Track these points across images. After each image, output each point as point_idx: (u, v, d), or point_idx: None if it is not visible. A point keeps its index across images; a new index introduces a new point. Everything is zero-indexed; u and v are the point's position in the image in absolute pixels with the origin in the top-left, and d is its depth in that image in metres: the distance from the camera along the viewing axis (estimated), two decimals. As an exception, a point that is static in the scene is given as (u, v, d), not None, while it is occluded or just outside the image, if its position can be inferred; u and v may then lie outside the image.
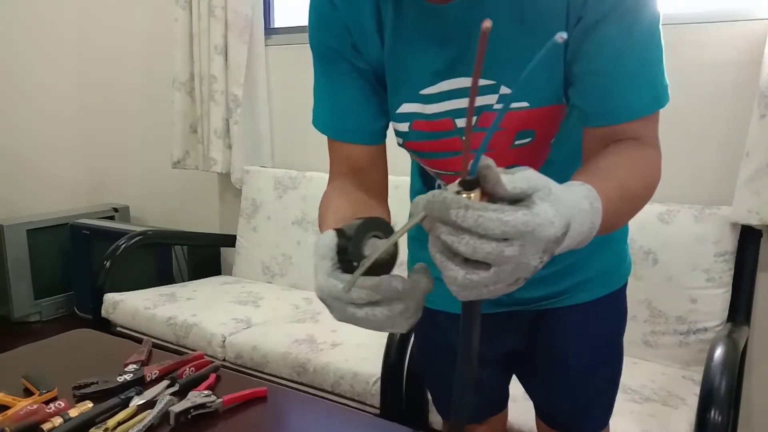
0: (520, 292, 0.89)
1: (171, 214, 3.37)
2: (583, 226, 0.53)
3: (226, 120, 2.88)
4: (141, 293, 2.54)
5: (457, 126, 0.79)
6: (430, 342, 1.06)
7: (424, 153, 0.83)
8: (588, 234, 0.54)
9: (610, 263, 0.97)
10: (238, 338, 2.16)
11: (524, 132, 0.77)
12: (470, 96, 0.48)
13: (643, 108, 0.71)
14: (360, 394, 1.85)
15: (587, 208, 0.54)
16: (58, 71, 3.56)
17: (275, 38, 2.88)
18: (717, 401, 1.43)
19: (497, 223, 0.44)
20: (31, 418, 0.89)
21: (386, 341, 1.78)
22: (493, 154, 0.77)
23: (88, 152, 3.65)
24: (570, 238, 0.51)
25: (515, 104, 0.75)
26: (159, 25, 3.14)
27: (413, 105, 0.79)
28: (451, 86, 0.77)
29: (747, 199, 1.78)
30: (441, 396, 1.10)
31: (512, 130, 0.77)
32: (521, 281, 0.47)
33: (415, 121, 0.80)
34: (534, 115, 0.75)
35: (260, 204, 2.83)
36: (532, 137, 0.78)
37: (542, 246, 0.46)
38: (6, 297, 3.14)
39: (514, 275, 0.46)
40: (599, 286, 0.95)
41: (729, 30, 1.91)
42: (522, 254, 0.45)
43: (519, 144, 0.78)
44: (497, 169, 0.47)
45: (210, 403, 0.95)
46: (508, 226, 0.44)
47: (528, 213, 0.45)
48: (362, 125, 0.83)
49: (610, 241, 0.94)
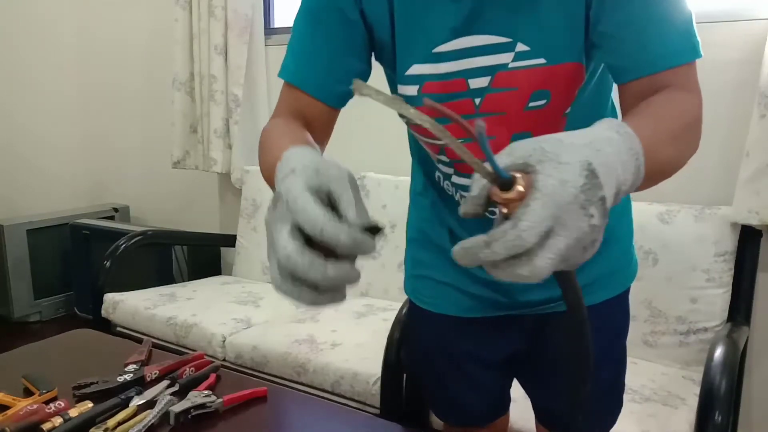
0: (522, 295, 0.87)
1: (171, 214, 3.37)
2: (621, 155, 0.49)
3: (226, 120, 2.88)
4: (141, 293, 2.54)
5: (470, 87, 0.76)
6: (430, 345, 1.04)
7: (434, 119, 0.81)
8: (635, 162, 0.50)
9: (616, 263, 0.93)
10: (238, 338, 2.16)
11: (539, 93, 0.74)
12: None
13: (680, 54, 0.68)
14: (360, 394, 1.85)
15: (615, 137, 0.50)
16: (58, 71, 3.56)
17: (275, 38, 2.88)
18: (717, 401, 1.43)
19: (525, 236, 0.42)
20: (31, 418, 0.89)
21: (386, 341, 1.78)
22: (506, 117, 0.76)
23: (88, 152, 3.65)
24: (610, 172, 0.46)
25: (531, 61, 0.72)
26: (159, 25, 3.14)
27: (424, 66, 0.77)
28: (466, 44, 0.74)
29: (747, 199, 1.78)
30: (439, 399, 1.08)
31: (527, 89, 0.74)
32: (592, 243, 0.45)
33: (426, 83, 0.78)
34: (550, 73, 0.73)
35: (260, 204, 2.83)
36: (547, 99, 0.75)
37: (575, 207, 0.43)
38: (6, 297, 3.14)
39: (579, 245, 0.44)
40: (603, 288, 0.92)
41: (729, 30, 1.90)
42: (567, 234, 0.43)
43: (533, 107, 0.75)
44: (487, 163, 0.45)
45: (210, 403, 0.95)
46: (535, 227, 0.42)
47: (537, 199, 0.43)
48: (329, 83, 0.80)
49: (615, 239, 0.91)
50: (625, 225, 0.96)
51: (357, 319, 2.25)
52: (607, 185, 0.46)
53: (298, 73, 0.82)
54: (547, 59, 0.72)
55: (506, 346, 0.98)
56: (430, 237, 0.97)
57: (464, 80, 0.76)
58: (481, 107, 0.77)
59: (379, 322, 2.17)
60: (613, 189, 0.47)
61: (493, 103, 0.76)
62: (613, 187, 0.47)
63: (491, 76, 0.75)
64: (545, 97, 0.75)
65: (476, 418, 1.06)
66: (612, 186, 0.47)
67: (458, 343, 0.99)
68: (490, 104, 0.76)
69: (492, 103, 0.76)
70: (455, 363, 1.00)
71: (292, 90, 0.82)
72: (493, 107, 0.76)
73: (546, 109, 0.75)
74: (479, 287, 0.93)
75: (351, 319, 2.24)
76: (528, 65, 0.73)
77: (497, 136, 0.77)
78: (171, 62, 2.95)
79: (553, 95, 0.75)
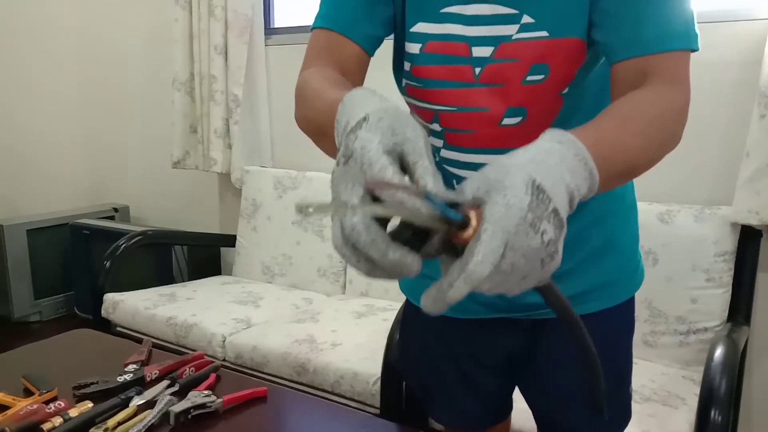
0: (519, 298, 0.87)
1: (171, 214, 3.37)
2: (567, 162, 0.49)
3: (226, 120, 2.88)
4: (141, 293, 2.54)
5: (473, 54, 0.76)
6: (427, 345, 1.02)
7: (431, 82, 0.79)
8: (584, 167, 0.51)
9: (615, 273, 0.91)
10: (238, 338, 2.16)
11: (538, 66, 0.74)
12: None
13: (674, 39, 0.68)
14: (360, 394, 1.85)
15: (556, 147, 0.50)
16: (58, 71, 3.56)
17: (275, 38, 2.88)
18: (717, 401, 1.43)
19: (480, 269, 0.44)
20: (31, 418, 0.89)
21: (386, 341, 1.78)
22: (504, 89, 0.76)
23: (88, 152, 3.65)
24: (557, 182, 0.47)
25: (534, 33, 0.73)
26: (159, 25, 3.14)
27: (429, 25, 0.77)
28: (474, 11, 0.75)
29: (747, 199, 1.78)
30: (435, 400, 1.05)
31: (527, 61, 0.74)
32: (551, 257, 0.46)
33: (428, 43, 0.78)
34: (551, 47, 0.73)
35: (260, 204, 2.83)
36: (545, 75, 0.74)
37: (524, 228, 0.44)
38: (6, 297, 3.14)
39: (534, 263, 0.45)
40: (599, 298, 0.89)
41: (729, 30, 1.91)
42: (519, 255, 0.44)
43: (531, 81, 0.75)
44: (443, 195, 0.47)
45: (210, 403, 0.95)
46: (487, 258, 0.44)
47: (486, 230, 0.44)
48: (361, 23, 0.80)
49: (614, 249, 0.89)
50: (626, 235, 0.93)
51: (357, 319, 2.25)
52: (558, 196, 0.47)
53: (330, 17, 0.81)
54: (550, 32, 0.72)
55: (504, 348, 0.97)
56: None
57: (468, 46, 0.76)
58: (480, 77, 0.77)
59: (379, 322, 2.17)
60: (565, 197, 0.48)
61: (492, 74, 0.76)
62: (564, 195, 0.48)
63: (494, 47, 0.75)
64: (544, 72, 0.74)
65: (473, 422, 1.03)
66: (562, 195, 0.47)
67: (455, 344, 0.98)
68: (490, 75, 0.76)
69: (491, 74, 0.76)
70: (452, 364, 0.99)
71: (324, 36, 0.81)
72: (492, 78, 0.76)
73: (543, 84, 0.75)
74: None
75: (351, 319, 2.24)
76: (531, 37, 0.73)
77: (492, 109, 0.77)
78: (171, 62, 2.95)
79: (552, 70, 0.74)
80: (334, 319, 2.24)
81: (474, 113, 0.79)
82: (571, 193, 0.49)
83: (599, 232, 0.87)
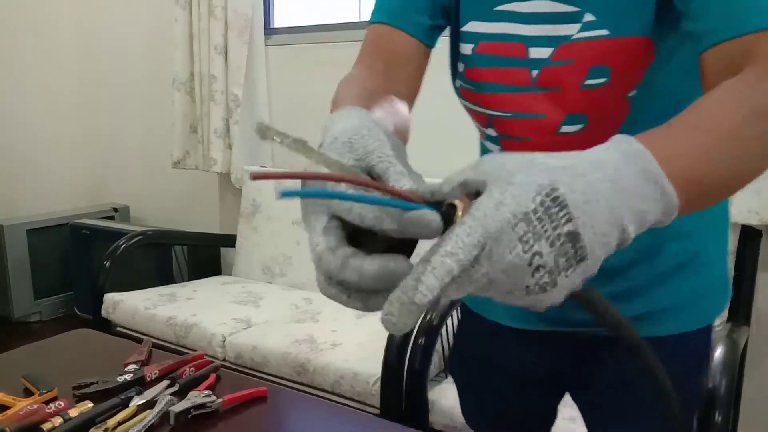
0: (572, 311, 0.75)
1: (171, 214, 3.37)
2: (625, 180, 0.40)
3: (226, 120, 2.88)
4: (141, 293, 2.54)
5: (530, 55, 0.69)
6: (476, 351, 0.96)
7: (485, 85, 0.74)
8: (652, 186, 0.40)
9: (691, 295, 0.79)
10: (238, 338, 2.16)
11: (598, 69, 0.67)
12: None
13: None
14: (360, 394, 1.85)
15: (614, 158, 0.40)
16: (58, 72, 3.56)
17: (275, 38, 2.88)
18: (717, 401, 1.43)
19: (448, 261, 0.37)
20: (31, 418, 0.89)
21: (386, 341, 1.78)
22: (561, 94, 0.69)
23: (88, 152, 3.65)
24: (595, 201, 0.38)
25: (594, 32, 0.66)
26: (159, 25, 3.14)
27: (482, 24, 0.72)
28: (531, 8, 0.69)
29: (747, 199, 1.78)
30: (474, 405, 1.00)
31: (584, 63, 0.67)
32: (541, 288, 0.38)
33: (480, 43, 0.72)
34: (612, 46, 0.66)
35: (260, 204, 2.83)
36: (606, 78, 0.67)
37: (509, 236, 0.37)
38: (6, 297, 3.14)
39: (511, 284, 0.38)
40: (671, 321, 0.78)
41: None
42: (490, 266, 0.37)
43: (590, 84, 0.67)
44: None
45: (210, 403, 0.94)
46: (455, 254, 0.37)
47: (464, 223, 0.37)
48: (414, 15, 0.76)
49: (692, 268, 0.78)
50: (712, 251, 0.81)
51: (357, 319, 2.25)
52: (589, 220, 0.37)
53: (380, 9, 0.78)
54: (611, 31, 0.65)
55: (553, 361, 0.89)
56: None
57: (524, 46, 0.70)
58: (537, 80, 0.71)
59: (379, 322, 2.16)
60: (605, 226, 0.38)
61: (549, 77, 0.70)
62: (605, 224, 0.38)
63: (554, 48, 0.68)
64: (604, 75, 0.67)
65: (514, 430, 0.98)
66: (600, 222, 0.38)
67: (505, 352, 0.93)
68: (546, 78, 0.70)
69: (548, 77, 0.70)
70: (498, 372, 0.94)
71: (375, 30, 0.78)
72: (548, 81, 0.70)
73: (605, 88, 0.67)
74: None
75: (351, 319, 2.24)
76: (590, 36, 0.66)
77: (548, 115, 0.71)
78: (171, 62, 2.95)
79: (614, 73, 0.66)
80: (334, 319, 2.24)
81: (530, 120, 0.73)
82: (620, 220, 0.39)
83: (679, 247, 0.77)
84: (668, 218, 0.42)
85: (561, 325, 0.83)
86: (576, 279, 0.38)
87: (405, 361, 1.74)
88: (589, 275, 0.39)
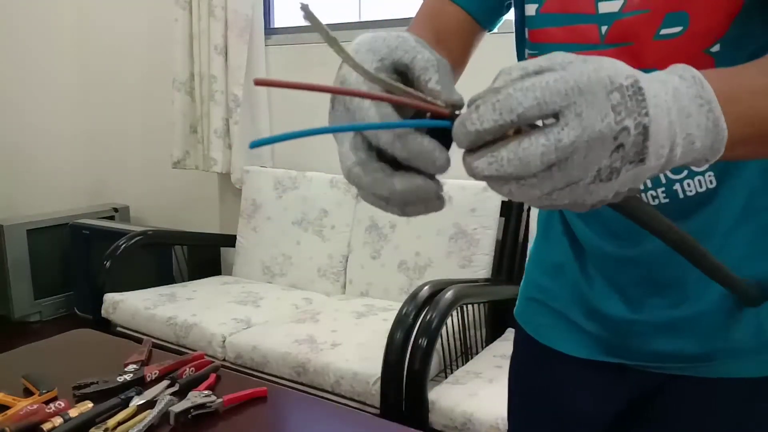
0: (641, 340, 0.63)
1: (171, 214, 3.38)
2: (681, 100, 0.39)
3: (226, 120, 2.88)
4: (141, 293, 2.54)
5: (599, 11, 0.63)
6: (528, 379, 0.87)
7: (548, 46, 0.68)
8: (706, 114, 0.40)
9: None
10: (238, 338, 2.16)
11: (674, 16, 0.58)
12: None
13: None
14: (360, 394, 1.85)
15: (674, 81, 0.40)
16: (58, 72, 3.56)
17: (275, 38, 2.89)
18: None
19: (520, 96, 0.34)
20: (31, 418, 0.89)
21: (386, 341, 1.78)
22: (634, 48, 0.62)
23: (88, 152, 3.65)
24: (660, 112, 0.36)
25: None
26: (159, 25, 3.14)
27: None
28: None
29: None
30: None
31: (660, 10, 0.59)
32: (600, 183, 0.36)
33: (546, 2, 0.66)
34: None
35: (260, 204, 2.84)
36: (683, 26, 0.58)
37: (603, 95, 0.34)
38: (6, 297, 3.14)
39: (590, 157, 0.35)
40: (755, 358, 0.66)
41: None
42: (578, 124, 0.34)
43: (665, 35, 0.59)
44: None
45: (210, 403, 0.94)
46: (534, 90, 0.34)
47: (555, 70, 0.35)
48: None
49: None
50: None
51: (357, 319, 2.25)
52: (658, 125, 0.36)
53: None
54: None
55: (614, 401, 0.76)
56: (548, 251, 0.82)
57: (593, 1, 0.63)
58: (607, 36, 0.64)
59: (379, 322, 2.17)
60: (664, 139, 0.37)
61: (620, 31, 0.63)
62: (664, 136, 0.37)
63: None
64: (681, 22, 0.58)
65: None
66: (664, 130, 0.37)
67: (558, 383, 0.82)
68: (617, 32, 0.63)
69: (619, 31, 0.63)
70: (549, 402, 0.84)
71: (428, 2, 0.76)
72: (619, 36, 0.63)
73: (681, 38, 0.59)
74: (591, 323, 0.75)
75: (351, 319, 2.24)
76: None
77: None
78: (171, 62, 2.95)
79: (692, 20, 0.58)
80: (334, 319, 2.24)
81: None
82: (674, 137, 0.38)
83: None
84: (714, 154, 0.41)
85: (621, 357, 0.73)
86: (628, 180, 0.37)
87: (405, 361, 1.75)
88: (637, 185, 0.38)
